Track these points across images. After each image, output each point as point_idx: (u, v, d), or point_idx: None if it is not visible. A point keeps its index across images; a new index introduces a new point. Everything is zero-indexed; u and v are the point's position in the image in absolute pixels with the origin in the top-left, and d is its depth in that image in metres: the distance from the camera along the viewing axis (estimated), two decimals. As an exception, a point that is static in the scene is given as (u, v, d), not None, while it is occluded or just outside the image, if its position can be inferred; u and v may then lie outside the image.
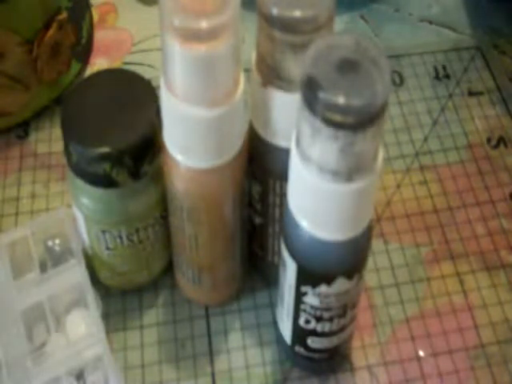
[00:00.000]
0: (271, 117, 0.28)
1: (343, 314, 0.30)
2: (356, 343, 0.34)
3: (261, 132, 0.29)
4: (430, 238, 0.38)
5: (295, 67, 0.26)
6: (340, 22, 0.46)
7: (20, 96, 0.40)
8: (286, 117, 0.27)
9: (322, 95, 0.22)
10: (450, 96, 0.43)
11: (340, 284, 0.28)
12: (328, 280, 0.28)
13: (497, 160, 0.41)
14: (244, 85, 0.27)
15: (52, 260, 0.34)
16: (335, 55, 0.23)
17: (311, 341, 0.31)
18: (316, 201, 0.25)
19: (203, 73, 0.25)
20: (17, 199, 0.39)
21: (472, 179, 0.40)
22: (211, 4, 0.24)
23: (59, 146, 0.40)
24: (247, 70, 0.28)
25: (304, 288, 0.28)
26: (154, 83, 0.31)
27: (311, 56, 0.23)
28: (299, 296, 0.29)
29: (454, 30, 0.47)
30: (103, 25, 0.46)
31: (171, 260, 0.35)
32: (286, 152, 0.26)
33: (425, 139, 0.41)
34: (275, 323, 0.34)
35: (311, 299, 0.29)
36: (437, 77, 0.44)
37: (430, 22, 0.47)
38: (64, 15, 0.40)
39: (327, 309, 0.29)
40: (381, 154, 0.25)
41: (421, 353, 0.34)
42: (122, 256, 0.33)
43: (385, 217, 0.38)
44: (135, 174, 0.30)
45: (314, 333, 0.30)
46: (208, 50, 0.24)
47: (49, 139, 0.41)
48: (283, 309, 0.31)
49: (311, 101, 0.23)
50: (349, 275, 0.28)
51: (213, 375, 0.33)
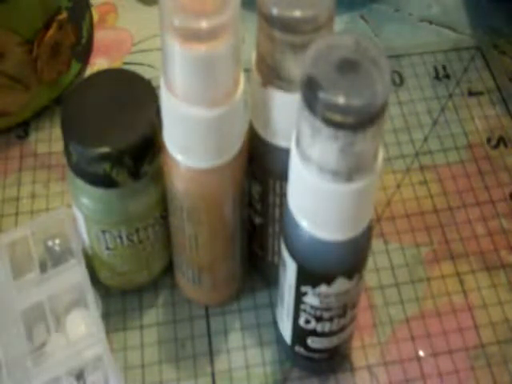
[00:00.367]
0: (271, 117, 0.28)
1: (343, 314, 0.30)
2: (356, 343, 0.34)
3: (261, 132, 0.29)
4: (430, 238, 0.38)
5: (295, 67, 0.26)
6: (340, 22, 0.46)
7: (20, 96, 0.40)
8: (286, 117, 0.27)
9: (322, 95, 0.22)
10: (450, 96, 0.43)
11: (340, 284, 0.28)
12: (328, 280, 0.28)
13: (497, 160, 0.41)
14: (244, 85, 0.27)
15: (52, 260, 0.34)
16: (335, 55, 0.23)
17: (311, 341, 0.31)
18: (316, 201, 0.25)
19: (203, 73, 0.25)
20: (17, 199, 0.39)
21: (472, 179, 0.40)
22: (211, 4, 0.24)
23: (59, 146, 0.40)
24: (247, 70, 0.28)
25: (304, 288, 0.28)
26: (154, 83, 0.31)
27: (311, 56, 0.23)
28: (299, 296, 0.29)
29: (454, 30, 0.47)
30: (103, 25, 0.46)
31: (171, 260, 0.35)
32: (286, 152, 0.26)
33: (425, 139, 0.41)
34: (275, 323, 0.34)
35: (311, 299, 0.29)
36: (437, 77, 0.44)
37: (430, 22, 0.47)
38: (64, 15, 0.40)
39: (327, 309, 0.29)
40: (381, 154, 0.25)
41: (421, 353, 0.34)
42: (122, 256, 0.33)
43: (385, 217, 0.38)
44: (135, 174, 0.30)
45: (314, 333, 0.30)
46: (208, 50, 0.24)
47: (49, 139, 0.41)
48: (283, 309, 0.31)
49: (311, 101, 0.23)
50: (349, 275, 0.28)
51: (213, 375, 0.33)
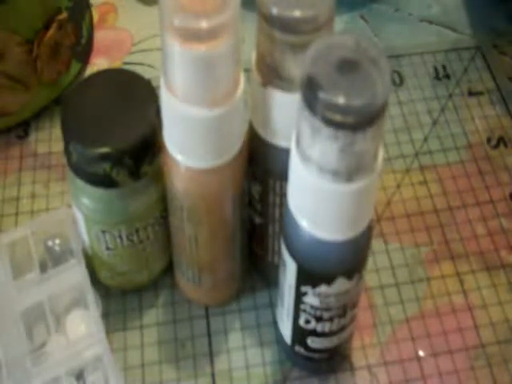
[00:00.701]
0: (271, 117, 0.28)
1: (343, 314, 0.30)
2: (356, 343, 0.34)
3: (261, 132, 0.29)
4: (430, 238, 0.38)
5: (295, 67, 0.26)
6: (340, 22, 0.46)
7: (20, 96, 0.40)
8: (286, 117, 0.27)
9: (322, 95, 0.22)
10: (450, 96, 0.43)
11: (340, 284, 0.28)
12: (328, 280, 0.28)
13: (497, 160, 0.41)
14: (244, 85, 0.27)
15: (52, 260, 0.34)
16: (335, 55, 0.23)
17: (311, 341, 0.31)
18: (316, 201, 0.25)
19: (203, 73, 0.25)
20: (17, 199, 0.39)
21: (472, 179, 0.40)
22: (211, 4, 0.24)
23: (59, 146, 0.40)
24: (247, 70, 0.28)
25: (304, 288, 0.28)
26: (154, 83, 0.31)
27: (311, 56, 0.23)
28: (299, 296, 0.29)
29: (454, 30, 0.47)
30: (103, 25, 0.46)
31: (171, 260, 0.35)
32: (286, 152, 0.26)
33: (425, 139, 0.41)
34: (275, 323, 0.34)
35: (311, 299, 0.29)
36: (437, 77, 0.44)
37: (430, 22, 0.47)
38: (64, 15, 0.40)
39: (327, 309, 0.29)
40: (381, 154, 0.25)
41: (421, 353, 0.34)
42: (122, 256, 0.33)
43: (385, 217, 0.38)
44: (135, 174, 0.30)
45: (314, 333, 0.30)
46: (208, 50, 0.24)
47: (49, 139, 0.41)
48: (283, 309, 0.31)
49: (311, 101, 0.23)
50: (349, 275, 0.28)
51: (213, 375, 0.33)
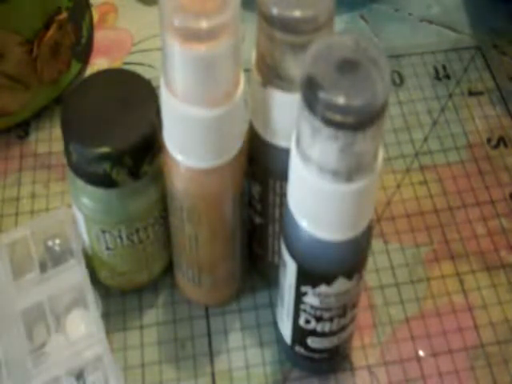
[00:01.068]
0: (271, 117, 0.28)
1: (343, 314, 0.30)
2: (356, 343, 0.34)
3: (261, 132, 0.29)
4: (430, 238, 0.38)
5: (295, 67, 0.26)
6: (340, 22, 0.46)
7: (20, 96, 0.40)
8: (286, 117, 0.27)
9: (322, 95, 0.22)
10: (450, 96, 0.43)
11: (340, 284, 0.28)
12: (328, 280, 0.28)
13: (497, 160, 0.41)
14: (244, 85, 0.27)
15: (52, 260, 0.34)
16: (335, 55, 0.23)
17: (311, 341, 0.31)
18: (316, 201, 0.25)
19: (203, 73, 0.25)
20: (17, 199, 0.39)
21: (472, 179, 0.40)
22: (211, 4, 0.24)
23: (59, 146, 0.40)
24: (247, 70, 0.28)
25: (304, 288, 0.28)
26: (154, 83, 0.31)
27: (311, 56, 0.23)
28: (299, 296, 0.29)
29: (454, 30, 0.47)
30: (103, 25, 0.46)
31: (171, 260, 0.35)
32: (286, 152, 0.26)
33: (425, 139, 0.41)
34: (275, 323, 0.34)
35: (311, 299, 0.29)
36: (437, 77, 0.44)
37: (430, 22, 0.47)
38: (64, 15, 0.40)
39: (327, 309, 0.29)
40: (381, 154, 0.25)
41: (421, 353, 0.34)
42: (122, 256, 0.33)
43: (385, 217, 0.38)
44: (135, 174, 0.30)
45: (314, 333, 0.30)
46: (208, 50, 0.24)
47: (49, 139, 0.41)
48: (283, 309, 0.31)
49: (311, 101, 0.23)
50: (349, 275, 0.28)
51: (213, 375, 0.33)
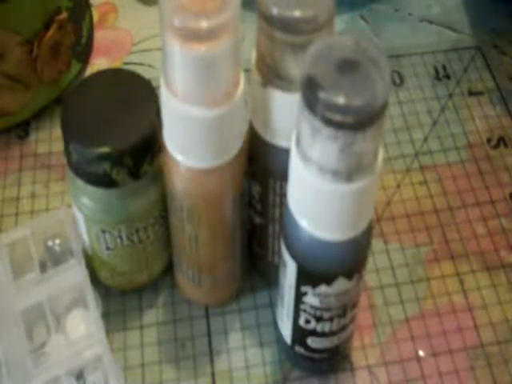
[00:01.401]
0: (271, 117, 0.28)
1: (343, 314, 0.30)
2: (356, 343, 0.34)
3: (261, 132, 0.29)
4: (430, 238, 0.38)
5: (295, 67, 0.26)
6: (340, 22, 0.46)
7: (20, 96, 0.40)
8: (286, 117, 0.27)
9: (322, 95, 0.22)
10: (450, 96, 0.43)
11: (340, 284, 0.28)
12: (328, 280, 0.28)
13: (497, 160, 0.41)
14: (244, 85, 0.27)
15: (52, 260, 0.34)
16: (335, 55, 0.23)
17: (311, 341, 0.31)
18: (316, 201, 0.25)
19: (203, 73, 0.25)
20: (17, 199, 0.39)
21: (472, 179, 0.40)
22: (211, 4, 0.24)
23: (59, 146, 0.40)
24: (247, 70, 0.28)
25: (304, 288, 0.28)
26: (154, 83, 0.31)
27: (311, 56, 0.23)
28: (299, 296, 0.29)
29: (454, 30, 0.47)
30: (103, 25, 0.46)
31: (171, 260, 0.35)
32: (286, 152, 0.26)
33: (425, 139, 0.41)
34: (275, 323, 0.34)
35: (311, 299, 0.29)
36: (437, 77, 0.44)
37: (430, 22, 0.47)
38: (64, 15, 0.40)
39: (327, 309, 0.29)
40: (381, 154, 0.25)
41: (421, 353, 0.34)
42: (122, 256, 0.33)
43: (385, 217, 0.38)
44: (135, 174, 0.30)
45: (314, 333, 0.30)
46: (208, 50, 0.24)
47: (49, 139, 0.41)
48: (283, 309, 0.31)
49: (311, 101, 0.23)
50: (349, 275, 0.28)
51: (213, 375, 0.33)
